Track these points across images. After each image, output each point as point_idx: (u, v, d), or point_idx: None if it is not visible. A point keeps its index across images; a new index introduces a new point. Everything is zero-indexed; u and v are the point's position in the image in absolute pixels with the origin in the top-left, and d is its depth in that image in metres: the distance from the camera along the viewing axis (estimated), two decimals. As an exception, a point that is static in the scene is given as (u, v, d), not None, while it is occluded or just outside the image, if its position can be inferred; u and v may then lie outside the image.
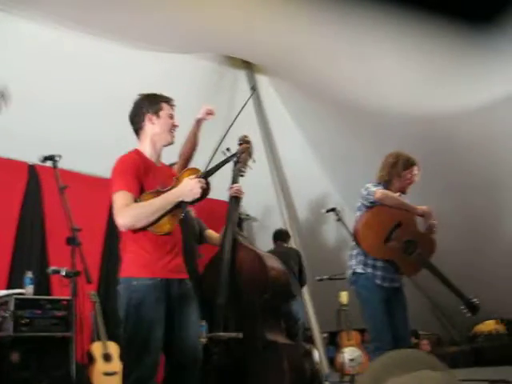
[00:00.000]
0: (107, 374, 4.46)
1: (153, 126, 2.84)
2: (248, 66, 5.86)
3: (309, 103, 5.73)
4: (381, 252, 3.62)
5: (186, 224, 3.42)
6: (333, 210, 4.56)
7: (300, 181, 6.08)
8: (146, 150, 2.84)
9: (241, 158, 3.69)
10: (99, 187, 5.55)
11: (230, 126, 3.32)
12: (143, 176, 2.71)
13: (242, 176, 3.86)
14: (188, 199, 2.71)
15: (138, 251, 2.68)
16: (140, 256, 2.67)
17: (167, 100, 2.92)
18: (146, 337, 2.59)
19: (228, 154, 3.38)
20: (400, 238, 3.64)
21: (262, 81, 5.87)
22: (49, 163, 3.20)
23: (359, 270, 3.70)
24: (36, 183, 5.37)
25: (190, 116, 3.37)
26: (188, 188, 2.70)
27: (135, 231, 2.66)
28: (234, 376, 3.55)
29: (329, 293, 5.60)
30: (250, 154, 3.76)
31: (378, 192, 3.63)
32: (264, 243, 5.89)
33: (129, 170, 2.69)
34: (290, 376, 3.59)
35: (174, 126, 2.89)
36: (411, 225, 3.73)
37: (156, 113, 2.85)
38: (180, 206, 2.72)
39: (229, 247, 3.65)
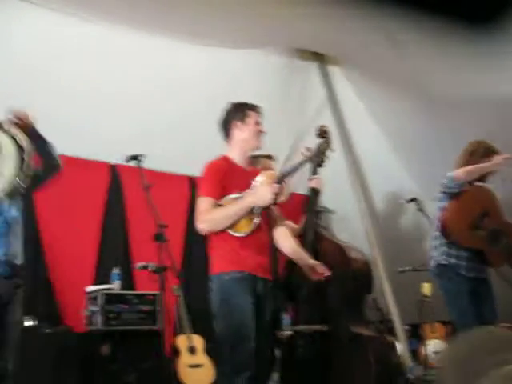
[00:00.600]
0: (192, 366, 4.57)
1: (240, 133, 3.01)
2: (319, 57, 5.81)
3: (383, 93, 5.63)
4: (470, 240, 3.53)
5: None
6: (414, 200, 4.50)
7: (376, 171, 5.98)
8: (235, 155, 3.02)
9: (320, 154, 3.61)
10: (178, 185, 5.71)
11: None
12: (228, 181, 2.90)
13: (320, 167, 3.80)
14: (261, 204, 2.80)
15: (226, 249, 2.85)
16: (228, 253, 2.84)
17: (253, 107, 3.07)
18: (238, 327, 2.69)
19: (306, 154, 3.31)
20: (486, 227, 3.54)
21: (335, 72, 5.80)
22: (133, 163, 3.30)
23: (443, 261, 3.62)
24: (118, 183, 5.55)
25: (267, 111, 3.39)
26: (260, 195, 2.81)
27: (219, 232, 2.81)
28: (318, 369, 3.56)
29: (410, 284, 5.50)
30: (329, 146, 3.71)
31: (458, 172, 3.53)
32: (341, 236, 5.85)
33: (213, 177, 2.91)
34: (375, 369, 3.57)
35: (260, 132, 3.00)
36: (498, 214, 3.61)
37: (243, 120, 3.01)
38: (258, 210, 2.82)
39: (310, 239, 3.64)
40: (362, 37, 4.77)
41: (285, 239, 3.11)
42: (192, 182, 5.68)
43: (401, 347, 5.74)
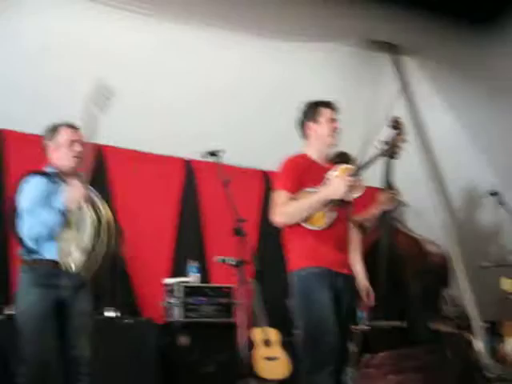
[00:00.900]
0: (268, 358, 4.61)
1: (313, 133, 3.02)
2: (393, 48, 5.71)
3: (461, 85, 5.48)
4: None
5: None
6: (495, 193, 4.36)
7: (452, 164, 5.83)
8: (312, 153, 3.02)
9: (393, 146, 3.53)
10: (252, 179, 5.76)
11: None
12: (305, 176, 2.94)
13: (393, 159, 3.72)
14: (336, 197, 2.79)
15: (302, 244, 2.85)
16: (305, 248, 2.84)
17: (326, 104, 3.06)
18: (318, 322, 2.71)
19: (380, 147, 3.26)
20: None
21: (409, 63, 5.69)
22: (212, 158, 3.36)
23: None
24: (192, 178, 5.66)
25: (339, 104, 3.36)
26: (334, 188, 2.80)
27: (295, 226, 2.82)
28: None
29: (490, 280, 5.34)
30: (402, 137, 3.63)
31: None
32: (417, 230, 5.75)
33: (290, 171, 2.96)
34: (452, 365, 3.49)
35: (334, 129, 2.99)
36: None
37: (315, 119, 3.04)
38: (333, 203, 2.80)
39: (386, 233, 3.60)
40: (438, 28, 4.66)
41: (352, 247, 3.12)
42: (266, 177, 5.73)
43: (479, 344, 5.60)
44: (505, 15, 4.25)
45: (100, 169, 5.17)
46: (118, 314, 4.48)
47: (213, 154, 3.36)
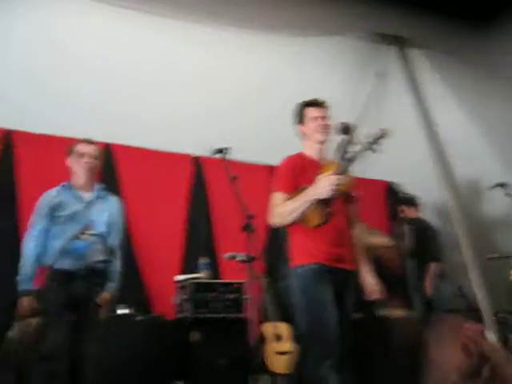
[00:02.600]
0: (280, 353, 4.63)
1: (303, 133, 3.07)
2: (400, 40, 5.70)
3: (470, 77, 5.46)
4: None
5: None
6: (502, 185, 4.35)
7: (461, 157, 5.81)
8: (307, 151, 3.08)
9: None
10: (260, 175, 5.77)
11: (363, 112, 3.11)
12: (301, 175, 3.01)
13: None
14: (322, 197, 2.82)
15: (301, 241, 2.91)
16: (303, 246, 2.90)
17: (311, 103, 3.08)
18: (318, 317, 2.74)
19: (366, 142, 3.18)
20: None
21: (415, 54, 5.68)
22: (219, 155, 3.38)
23: None
24: (201, 174, 5.69)
25: (346, 97, 3.39)
26: (319, 187, 2.83)
27: (294, 225, 2.87)
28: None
29: (499, 271, 5.33)
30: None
31: None
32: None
33: (286, 172, 3.06)
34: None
35: (320, 126, 3.01)
36: None
37: (301, 121, 3.08)
38: (324, 201, 2.82)
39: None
40: (449, 22, 4.66)
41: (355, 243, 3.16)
42: (274, 172, 5.74)
43: (490, 335, 5.59)
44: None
45: (109, 167, 5.22)
46: (130, 311, 4.51)
47: (220, 151, 3.37)
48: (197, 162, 5.68)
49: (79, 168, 3.46)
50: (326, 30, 5.23)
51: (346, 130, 3.33)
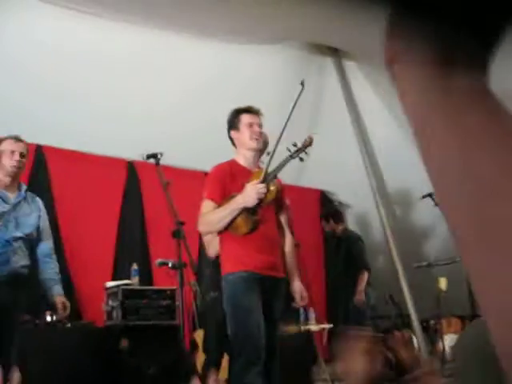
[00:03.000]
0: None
1: (237, 140, 3.08)
2: (334, 52, 5.81)
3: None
4: None
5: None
6: (429, 195, 4.49)
7: (394, 167, 5.97)
8: (239, 159, 3.07)
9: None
10: (195, 181, 5.74)
11: (286, 121, 3.13)
12: (231, 183, 3.02)
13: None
14: (249, 205, 2.86)
15: (230, 249, 2.94)
16: (232, 254, 2.93)
17: (245, 110, 3.10)
18: (244, 324, 2.75)
19: (293, 150, 3.19)
20: None
21: (351, 67, 5.80)
22: (152, 160, 3.34)
23: None
24: (135, 179, 5.61)
25: (279, 105, 3.42)
26: (245, 195, 2.86)
27: (223, 233, 2.90)
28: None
29: (427, 279, 5.50)
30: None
31: None
32: (356, 230, 5.87)
33: (215, 180, 3.08)
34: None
35: (253, 134, 3.04)
36: None
37: (235, 127, 3.09)
38: (251, 209, 2.86)
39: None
40: (378, 33, 4.76)
41: (286, 251, 3.20)
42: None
43: (417, 341, 5.75)
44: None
45: (41, 169, 5.08)
46: (59, 318, 4.40)
47: (153, 156, 3.33)
48: (131, 167, 5.60)
49: (7, 166, 3.30)
50: (264, 39, 5.27)
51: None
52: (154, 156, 3.32)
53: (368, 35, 4.96)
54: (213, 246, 3.64)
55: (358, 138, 5.70)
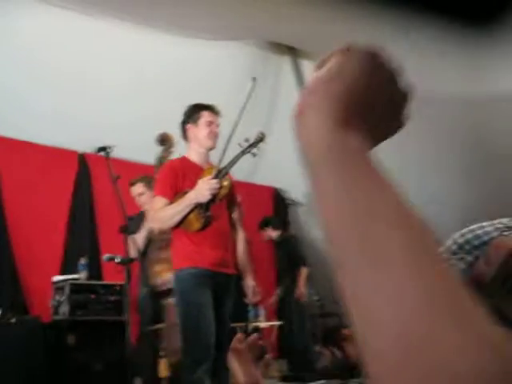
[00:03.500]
0: (160, 357, 4.57)
1: (192, 135, 3.05)
2: (292, 51, 5.85)
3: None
4: None
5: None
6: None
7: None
8: (191, 155, 3.08)
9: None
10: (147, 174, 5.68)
11: (239, 116, 3.14)
12: (183, 179, 3.00)
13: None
14: (202, 201, 2.86)
15: (181, 246, 2.92)
16: (183, 250, 2.92)
17: (207, 108, 3.09)
18: (194, 321, 2.76)
19: (244, 145, 3.16)
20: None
21: (308, 66, 5.85)
22: (102, 153, 3.28)
23: None
24: (86, 172, 5.51)
25: (233, 101, 3.40)
26: (198, 191, 2.86)
27: (174, 229, 2.88)
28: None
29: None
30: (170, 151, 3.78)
31: None
32: (310, 229, 5.92)
33: (166, 176, 3.04)
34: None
35: (211, 133, 3.03)
36: None
37: (195, 122, 3.08)
38: (204, 206, 2.86)
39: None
40: (339, 32, 4.81)
41: (241, 252, 3.22)
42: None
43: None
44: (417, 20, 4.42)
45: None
46: (4, 312, 4.29)
47: (103, 148, 3.27)
48: (82, 159, 5.50)
49: None
50: (222, 35, 5.26)
51: (163, 140, 3.55)
52: (104, 149, 3.26)
53: (325, 34, 5.04)
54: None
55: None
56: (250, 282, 3.21)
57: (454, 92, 5.06)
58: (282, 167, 5.79)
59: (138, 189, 4.23)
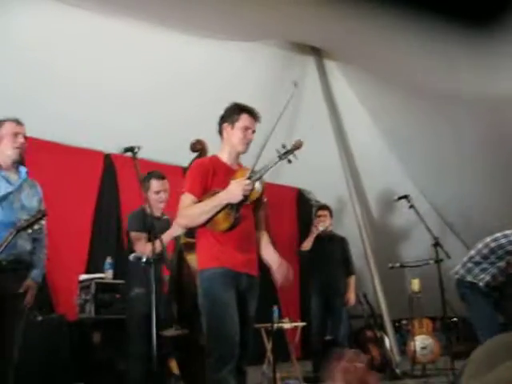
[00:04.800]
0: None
1: (226, 135, 3.02)
2: (316, 51, 5.83)
3: (379, 88, 5.65)
4: None
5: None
6: (405, 197, 4.53)
7: (371, 167, 6.02)
8: (223, 155, 3.08)
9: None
10: (175, 176, 5.71)
11: (277, 121, 3.13)
12: (212, 178, 2.97)
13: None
14: (233, 201, 2.84)
15: (207, 245, 2.92)
16: (209, 249, 2.92)
17: (248, 111, 3.03)
18: (220, 321, 2.75)
19: (282, 151, 3.03)
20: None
21: (331, 66, 5.83)
22: (129, 154, 3.30)
23: None
24: (112, 172, 5.56)
25: (258, 102, 3.40)
26: (230, 192, 2.84)
27: (201, 228, 2.86)
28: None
29: (399, 281, 5.56)
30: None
31: None
32: (335, 230, 5.89)
33: (196, 174, 3.00)
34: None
35: (245, 139, 3.00)
36: None
37: (232, 123, 3.04)
38: (234, 206, 2.85)
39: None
40: (359, 34, 4.79)
41: (265, 247, 3.15)
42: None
43: (389, 342, 5.82)
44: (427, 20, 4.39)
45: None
46: (31, 311, 4.34)
47: (130, 149, 3.29)
48: (109, 160, 5.56)
49: (10, 148, 3.26)
50: (247, 36, 5.27)
51: (197, 147, 3.52)
52: (131, 149, 3.27)
53: (350, 36, 5.02)
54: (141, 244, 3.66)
55: (337, 138, 5.73)
56: (270, 255, 3.09)
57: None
58: (306, 168, 5.79)
59: (166, 184, 4.19)
